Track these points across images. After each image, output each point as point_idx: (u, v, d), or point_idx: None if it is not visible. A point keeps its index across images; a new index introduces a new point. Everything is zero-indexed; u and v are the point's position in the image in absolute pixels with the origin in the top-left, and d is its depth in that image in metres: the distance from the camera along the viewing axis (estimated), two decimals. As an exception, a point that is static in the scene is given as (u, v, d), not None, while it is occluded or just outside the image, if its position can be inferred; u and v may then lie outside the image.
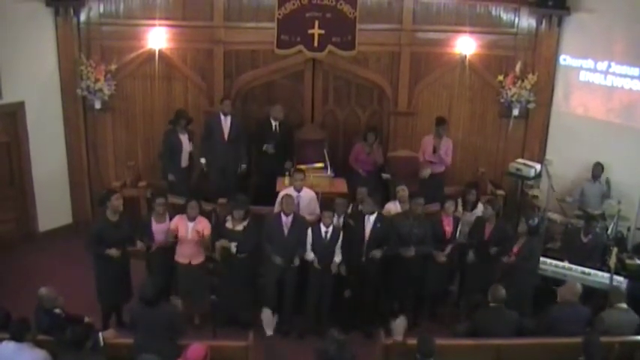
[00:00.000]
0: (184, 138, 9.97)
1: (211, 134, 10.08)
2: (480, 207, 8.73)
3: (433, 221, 8.34)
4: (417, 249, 8.09)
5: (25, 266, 9.58)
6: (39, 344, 6.10)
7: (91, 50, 10.28)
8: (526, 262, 7.96)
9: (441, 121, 10.10)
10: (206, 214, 8.36)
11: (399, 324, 8.08)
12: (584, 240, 8.62)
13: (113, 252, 7.69)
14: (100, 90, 10.19)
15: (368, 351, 7.23)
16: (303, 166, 9.36)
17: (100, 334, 6.43)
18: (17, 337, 5.96)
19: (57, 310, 6.57)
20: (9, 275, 9.27)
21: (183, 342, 6.32)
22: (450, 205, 8.38)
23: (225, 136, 10.04)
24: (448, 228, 8.34)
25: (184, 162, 10.09)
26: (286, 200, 8.16)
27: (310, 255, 8.04)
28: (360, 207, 8.48)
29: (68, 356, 5.92)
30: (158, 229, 8.09)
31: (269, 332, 8.23)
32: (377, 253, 8.06)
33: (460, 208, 8.83)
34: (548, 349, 6.70)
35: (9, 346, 5.95)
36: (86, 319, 6.73)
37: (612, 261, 8.09)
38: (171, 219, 8.14)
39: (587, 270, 8.29)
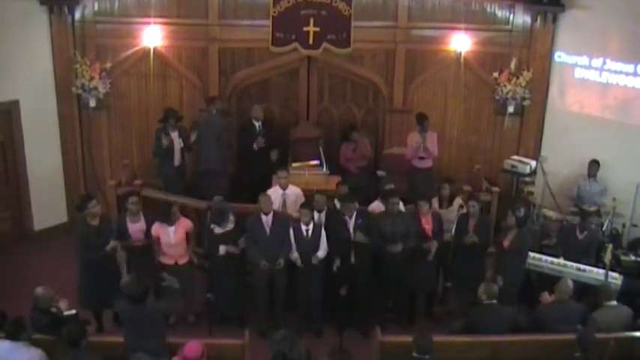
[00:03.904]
0: (175, 136, 9.88)
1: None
2: (457, 202, 8.74)
3: (415, 219, 8.30)
4: (404, 245, 8.05)
5: (20, 265, 9.57)
6: (35, 343, 6.09)
7: (86, 48, 10.27)
8: (518, 255, 7.99)
9: (421, 118, 10.04)
10: (201, 213, 8.36)
11: None
12: (580, 237, 8.61)
13: (112, 244, 7.72)
14: (95, 88, 10.18)
15: (364, 349, 7.25)
16: (298, 164, 9.36)
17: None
18: (12, 337, 5.95)
19: (53, 309, 6.56)
20: (4, 274, 9.25)
21: (179, 340, 6.31)
22: (423, 204, 8.25)
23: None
24: (427, 226, 8.26)
25: (177, 161, 10.03)
26: (263, 199, 8.09)
27: (294, 254, 8.00)
28: (340, 205, 8.46)
29: (65, 355, 5.91)
30: (134, 228, 8.03)
31: None
32: (360, 236, 8.01)
33: (436, 204, 8.80)
34: (544, 346, 6.72)
35: (4, 345, 5.94)
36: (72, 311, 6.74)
37: (607, 257, 8.09)
38: (146, 218, 8.07)
39: (582, 267, 8.28)
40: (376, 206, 8.67)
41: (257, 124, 10.29)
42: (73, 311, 6.72)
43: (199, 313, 8.31)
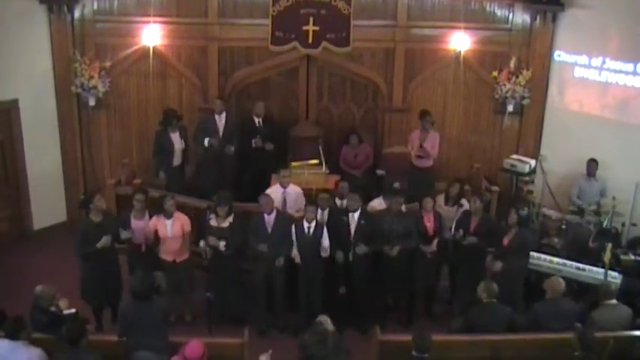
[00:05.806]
0: (175, 136, 9.91)
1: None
2: (464, 202, 8.73)
3: (416, 218, 8.30)
4: (400, 246, 8.06)
5: (20, 265, 9.56)
6: (34, 342, 6.09)
7: (85, 47, 10.25)
8: (517, 254, 7.97)
9: (424, 114, 10.10)
10: (201, 212, 8.36)
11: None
12: (592, 245, 8.63)
13: (104, 241, 7.62)
14: (95, 87, 10.17)
15: (363, 347, 7.24)
16: (297, 163, 9.35)
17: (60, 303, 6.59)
18: (12, 336, 5.94)
19: (53, 308, 6.56)
20: (3, 274, 9.24)
21: (180, 339, 6.31)
22: (427, 201, 8.30)
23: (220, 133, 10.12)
24: (429, 224, 8.28)
25: (177, 161, 10.05)
26: (263, 199, 8.14)
27: (294, 251, 8.03)
28: (340, 203, 8.46)
29: (64, 354, 5.91)
30: (137, 225, 8.04)
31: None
32: (362, 248, 8.03)
33: (442, 202, 8.80)
34: (543, 345, 6.72)
35: (3, 344, 5.93)
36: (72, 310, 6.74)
37: (607, 257, 8.10)
38: (151, 216, 8.11)
39: (581, 266, 8.29)
40: (377, 203, 8.67)
41: (257, 120, 10.31)
42: (73, 310, 6.71)
43: (198, 312, 8.29)
